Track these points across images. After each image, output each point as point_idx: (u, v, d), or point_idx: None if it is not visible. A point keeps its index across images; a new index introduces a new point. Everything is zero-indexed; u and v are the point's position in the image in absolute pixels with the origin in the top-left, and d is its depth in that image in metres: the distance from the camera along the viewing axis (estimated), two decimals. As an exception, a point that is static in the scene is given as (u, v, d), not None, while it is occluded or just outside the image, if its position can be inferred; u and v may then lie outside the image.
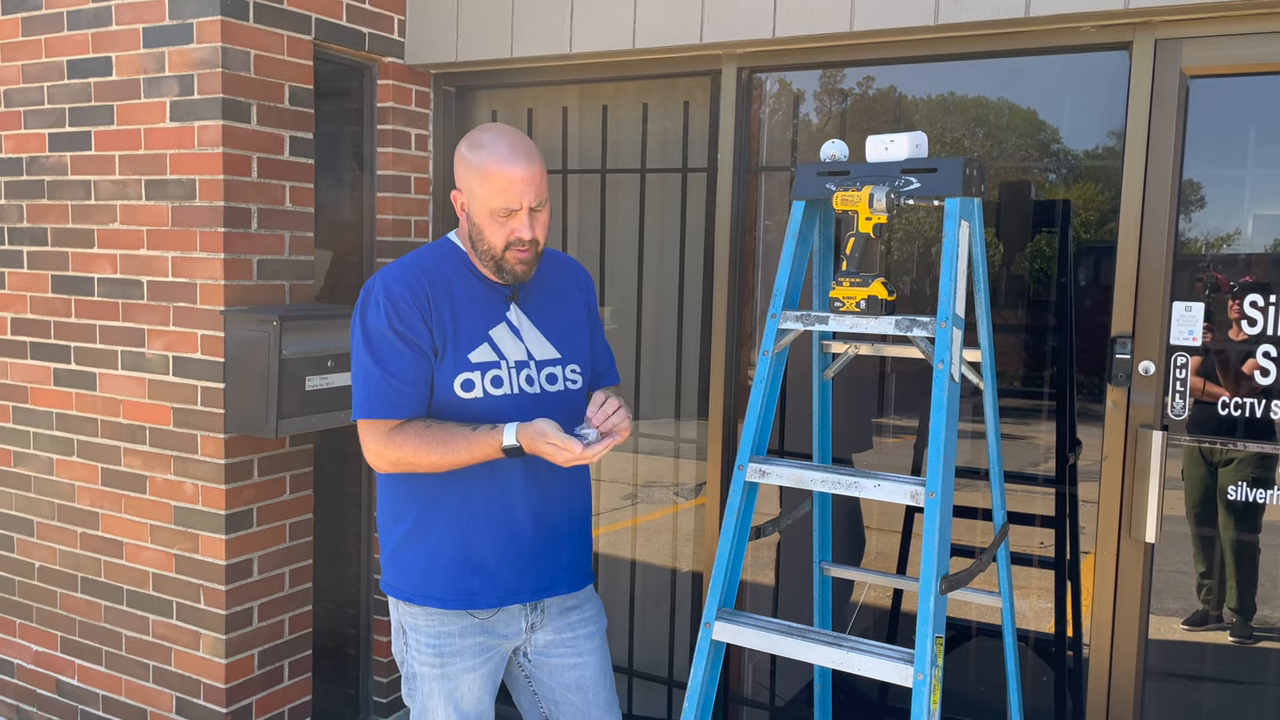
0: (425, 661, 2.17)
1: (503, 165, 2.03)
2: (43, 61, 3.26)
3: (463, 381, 2.09)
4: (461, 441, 2.03)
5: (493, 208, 2.05)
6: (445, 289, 2.11)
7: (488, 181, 2.04)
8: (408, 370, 2.05)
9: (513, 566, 2.16)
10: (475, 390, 2.09)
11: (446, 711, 2.18)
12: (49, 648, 3.46)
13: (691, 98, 3.27)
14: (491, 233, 2.07)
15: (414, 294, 2.06)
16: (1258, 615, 2.66)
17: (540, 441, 1.98)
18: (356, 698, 3.65)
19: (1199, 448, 2.64)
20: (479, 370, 2.10)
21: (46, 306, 3.34)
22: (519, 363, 2.15)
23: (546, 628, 2.25)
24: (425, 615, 2.16)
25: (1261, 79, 2.48)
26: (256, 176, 3.02)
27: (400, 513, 2.17)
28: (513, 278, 2.13)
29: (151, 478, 3.15)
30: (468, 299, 2.13)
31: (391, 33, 3.43)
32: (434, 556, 2.14)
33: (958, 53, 2.77)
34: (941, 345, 2.00)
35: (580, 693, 2.28)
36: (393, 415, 2.05)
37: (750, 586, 3.36)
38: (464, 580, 2.14)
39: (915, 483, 2.01)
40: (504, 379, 2.13)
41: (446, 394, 2.08)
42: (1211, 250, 2.58)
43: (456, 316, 2.10)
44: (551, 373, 2.20)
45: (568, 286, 2.30)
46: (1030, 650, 2.97)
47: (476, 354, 2.11)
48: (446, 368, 2.08)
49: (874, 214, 2.10)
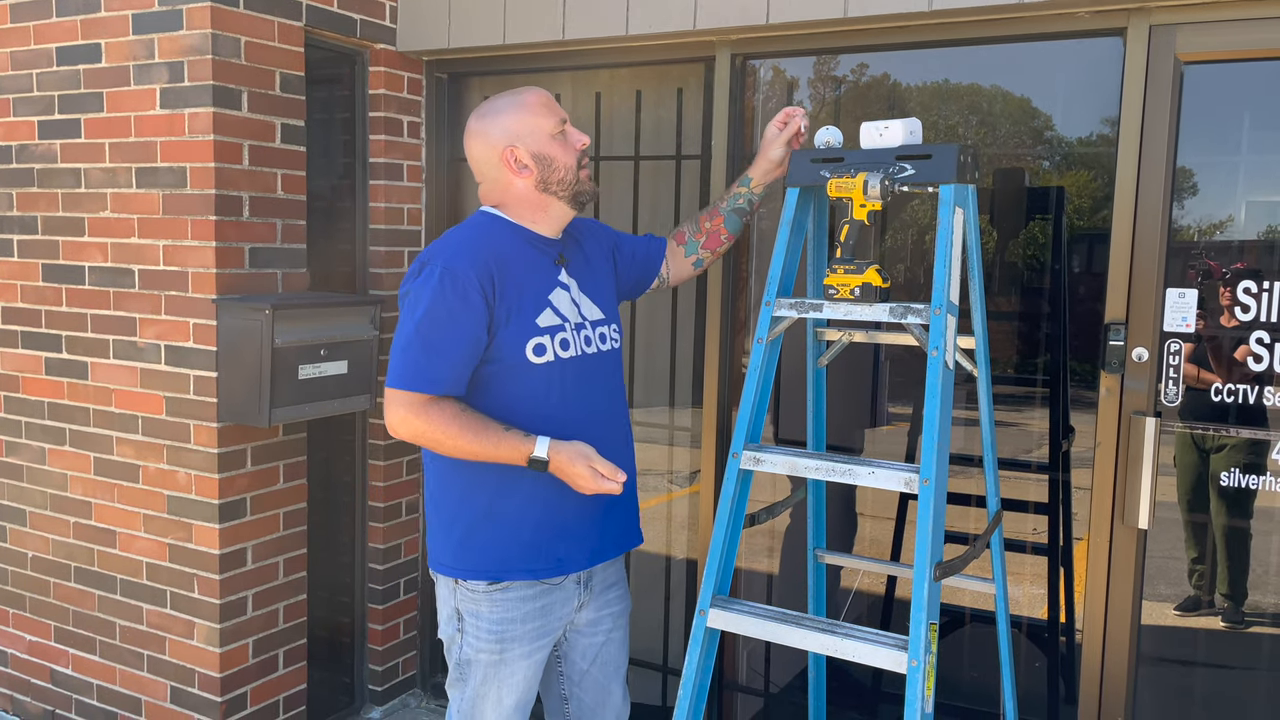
0: (483, 648, 2.17)
1: (528, 93, 2.16)
2: (31, 48, 3.23)
3: (534, 346, 2.11)
4: (493, 437, 2.04)
5: (550, 127, 2.14)
6: (506, 261, 2.12)
7: (533, 110, 2.14)
8: (454, 348, 2.05)
9: (594, 525, 2.22)
10: (547, 354, 2.13)
11: (497, 697, 2.20)
12: (43, 637, 3.46)
13: (685, 85, 3.25)
14: (561, 153, 2.15)
15: (478, 271, 2.06)
16: (1249, 600, 2.68)
17: (580, 463, 2.03)
18: (351, 686, 3.65)
19: (1191, 434, 2.64)
20: (548, 334, 2.14)
21: (37, 295, 3.32)
22: (577, 324, 2.20)
23: (590, 605, 2.30)
24: (489, 599, 2.16)
25: (1256, 64, 2.48)
26: (248, 164, 3.00)
27: (468, 494, 2.16)
28: (588, 195, 2.21)
29: (144, 467, 3.14)
30: (526, 267, 2.15)
31: (383, 19, 3.41)
32: (518, 530, 2.15)
33: (952, 39, 2.76)
34: (936, 332, 2.00)
35: (603, 667, 2.36)
36: (430, 390, 2.05)
37: (744, 574, 3.37)
38: (554, 547, 2.17)
39: (909, 470, 2.01)
40: (570, 341, 2.18)
41: (518, 358, 2.09)
42: (1205, 237, 2.58)
43: (520, 285, 2.12)
44: (604, 333, 2.27)
45: (595, 246, 2.36)
46: (1023, 636, 2.98)
47: (542, 319, 2.14)
48: (514, 335, 2.09)
49: (868, 201, 2.10)
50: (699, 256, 2.49)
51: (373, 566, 3.62)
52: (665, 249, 2.48)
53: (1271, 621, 2.65)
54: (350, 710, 3.63)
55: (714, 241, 2.47)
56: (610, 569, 2.35)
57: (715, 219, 2.45)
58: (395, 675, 3.71)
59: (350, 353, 3.10)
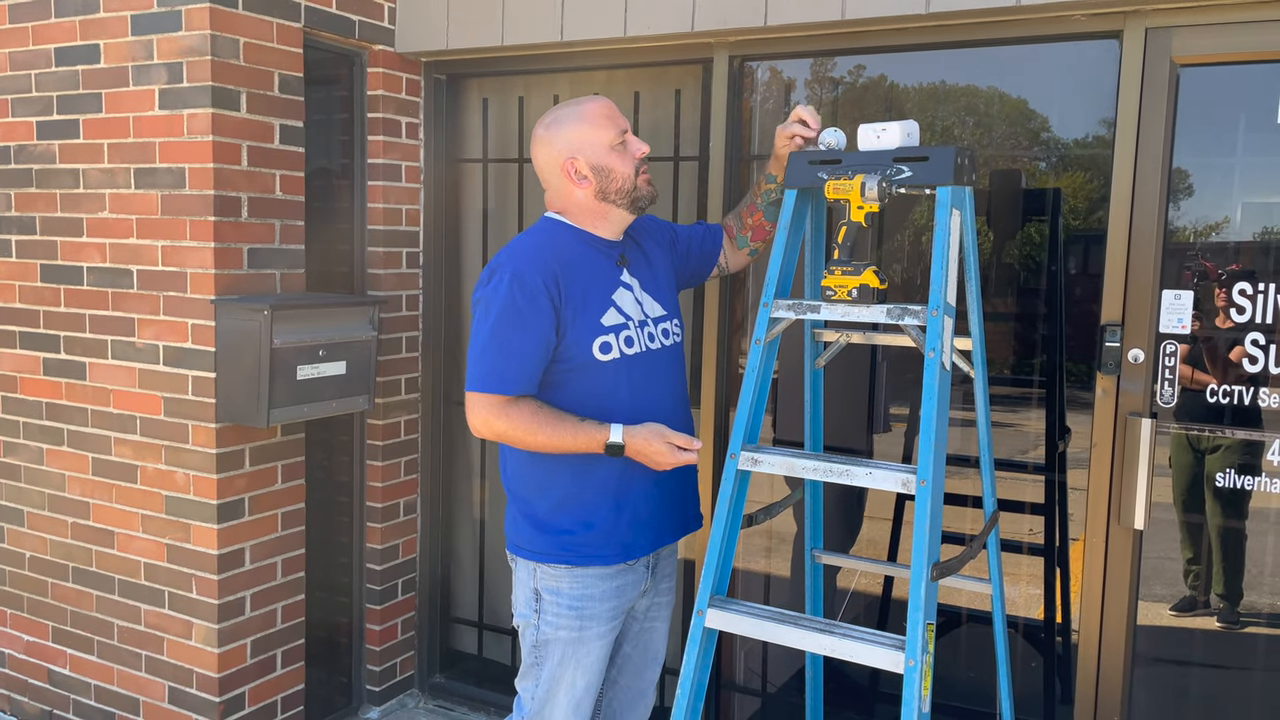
0: (564, 625, 2.26)
1: (592, 104, 2.26)
2: (30, 49, 3.23)
3: (600, 344, 2.20)
4: (570, 429, 2.15)
5: (610, 139, 2.22)
6: (571, 263, 2.21)
7: (593, 122, 2.23)
8: (526, 349, 2.14)
9: (658, 511, 2.32)
10: (613, 351, 2.22)
11: (571, 679, 2.28)
12: (40, 638, 3.46)
13: (683, 86, 3.26)
14: (620, 164, 2.23)
15: (544, 276, 2.15)
16: (1244, 601, 2.69)
17: (656, 440, 2.14)
18: (349, 686, 3.65)
19: (1186, 435, 2.65)
20: (613, 333, 2.22)
21: (35, 296, 3.32)
22: (640, 322, 2.29)
23: (650, 592, 2.41)
24: (570, 576, 2.25)
25: (1251, 67, 2.49)
26: (246, 165, 3.00)
27: (546, 484, 2.26)
28: (647, 202, 2.29)
29: (142, 467, 3.14)
30: (589, 269, 2.24)
31: (382, 20, 3.42)
32: (589, 521, 2.25)
33: (949, 41, 2.77)
34: (933, 334, 2.00)
35: (645, 654, 2.48)
36: (507, 390, 2.15)
37: (741, 574, 3.38)
38: (620, 533, 2.26)
39: (906, 470, 2.02)
40: (634, 338, 2.26)
41: (585, 357, 2.19)
42: (1201, 239, 2.59)
43: (585, 287, 2.21)
44: (665, 328, 2.36)
45: (654, 244, 2.43)
46: (1019, 636, 2.99)
47: (606, 318, 2.22)
48: (581, 334, 2.18)
49: (866, 203, 2.10)
50: (752, 247, 2.58)
51: (370, 567, 3.63)
52: (722, 238, 2.56)
53: (1266, 622, 2.66)
54: (348, 710, 3.63)
55: (760, 234, 2.55)
56: (669, 560, 2.46)
57: (755, 215, 2.52)
58: (393, 675, 3.72)
59: (349, 353, 3.11)
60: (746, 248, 2.59)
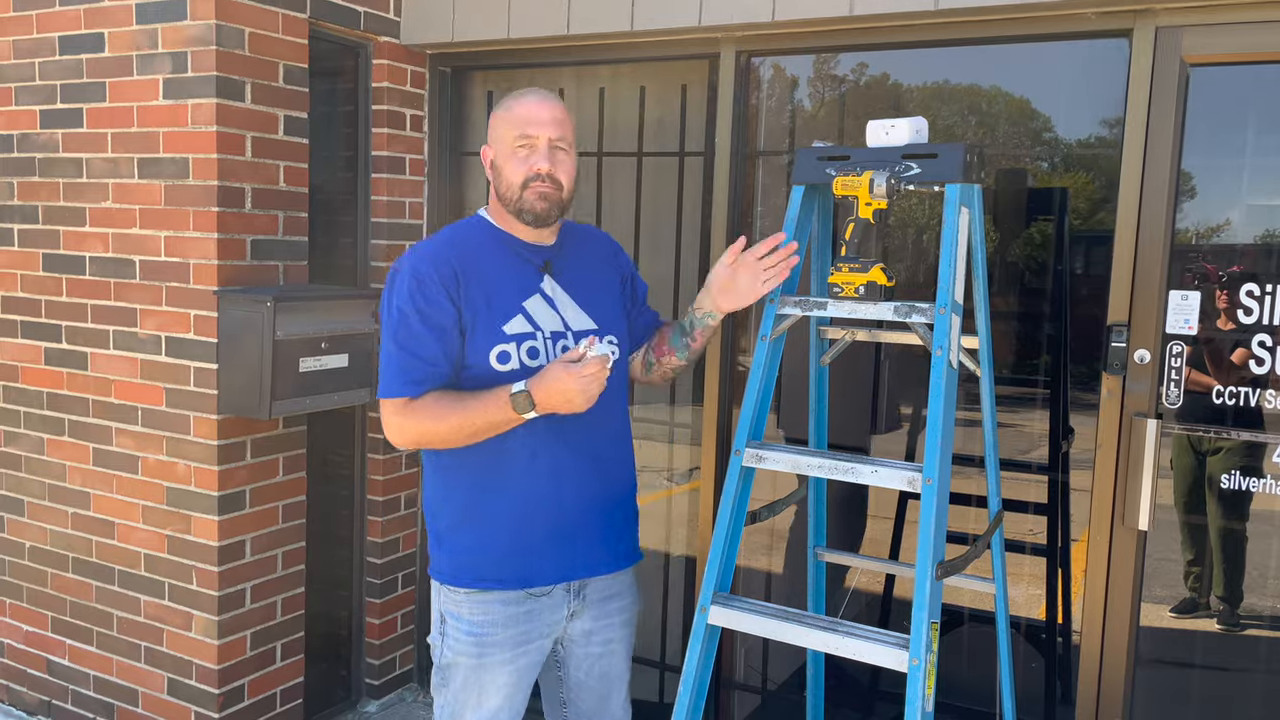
0: (463, 651, 2.14)
1: (522, 99, 2.12)
2: (34, 37, 3.22)
3: (498, 353, 2.07)
4: (475, 400, 2.01)
5: (510, 140, 2.09)
6: (476, 263, 2.10)
7: (508, 117, 2.11)
8: (427, 349, 2.04)
9: (569, 542, 2.16)
10: (511, 362, 2.08)
11: (478, 702, 2.15)
12: (40, 628, 3.45)
13: (689, 81, 3.25)
14: (511, 169, 2.10)
15: (440, 272, 2.05)
16: (1244, 603, 2.68)
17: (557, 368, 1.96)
18: (349, 680, 3.65)
19: (1188, 436, 2.65)
20: (514, 341, 2.09)
21: (37, 285, 3.31)
22: (555, 333, 2.14)
23: (585, 615, 2.24)
24: (470, 602, 2.13)
25: (1262, 67, 2.48)
26: (250, 156, 2.99)
27: (447, 496, 2.16)
28: (532, 217, 2.11)
29: (144, 458, 3.13)
30: (500, 270, 2.12)
31: (387, 12, 3.41)
32: (488, 539, 2.12)
33: (957, 38, 2.76)
34: (940, 332, 2.00)
35: (604, 680, 2.31)
36: (408, 393, 2.04)
37: (742, 571, 3.37)
38: (520, 560, 2.12)
39: (912, 469, 2.01)
40: (540, 350, 2.11)
41: (482, 367, 2.07)
42: (1209, 240, 2.58)
43: (489, 289, 2.09)
44: None
45: (600, 259, 2.31)
46: (1021, 636, 2.99)
47: (511, 325, 2.09)
48: (480, 341, 2.06)
49: (874, 199, 2.10)
50: (649, 358, 2.37)
51: (371, 560, 3.62)
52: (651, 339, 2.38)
53: (1267, 624, 2.66)
54: (347, 704, 3.63)
55: (660, 349, 2.35)
56: (611, 579, 2.29)
57: (666, 328, 2.36)
58: (392, 669, 3.71)
59: (351, 346, 3.10)
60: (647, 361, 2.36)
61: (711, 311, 2.26)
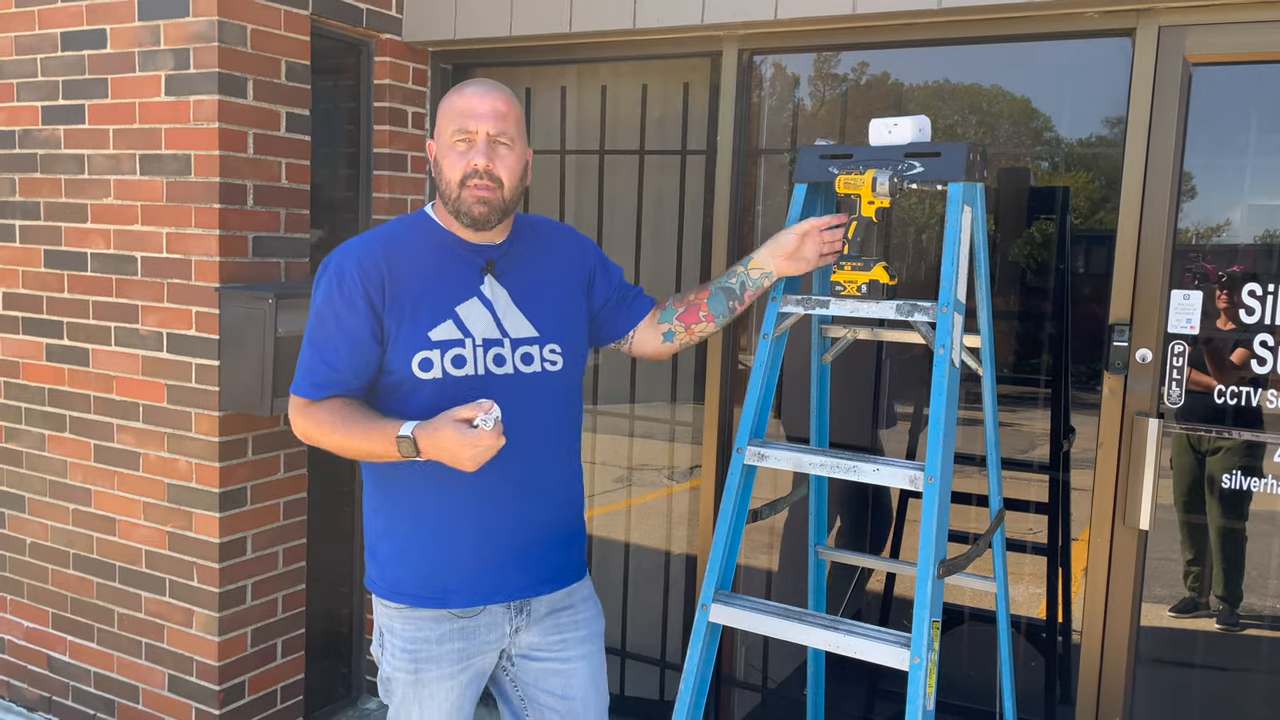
0: (400, 666, 2.04)
1: (463, 92, 1.98)
2: (36, 33, 3.22)
3: (420, 360, 1.94)
4: (364, 426, 1.90)
5: (450, 134, 1.95)
6: (408, 262, 1.97)
7: (449, 110, 1.97)
8: (334, 355, 1.94)
9: (492, 564, 2.02)
10: (434, 370, 1.95)
11: (421, 714, 2.04)
12: (40, 624, 3.45)
13: (691, 79, 3.25)
14: (449, 165, 1.96)
15: (364, 271, 1.93)
16: (1244, 603, 2.68)
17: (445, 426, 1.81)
18: (349, 676, 3.65)
19: (1187, 436, 2.65)
20: (438, 349, 1.95)
21: (39, 281, 3.31)
22: (488, 340, 1.99)
23: (532, 629, 2.10)
24: (401, 617, 2.03)
25: (1265, 67, 2.48)
26: (252, 152, 2.99)
27: (377, 505, 2.07)
28: (470, 220, 1.97)
29: (145, 455, 3.13)
30: (435, 272, 1.98)
31: (389, 9, 3.40)
32: (406, 551, 2.02)
33: (960, 37, 2.76)
34: (942, 330, 2.00)
35: (566, 701, 2.13)
36: (311, 394, 1.96)
37: (742, 569, 3.37)
38: (438, 577, 2.01)
39: (914, 467, 2.01)
40: (467, 358, 1.97)
41: (404, 373, 1.94)
42: (1210, 239, 2.58)
43: (418, 291, 1.96)
44: (527, 352, 2.03)
45: (557, 258, 2.13)
46: (1020, 635, 2.99)
47: (438, 331, 1.96)
48: (403, 345, 1.94)
49: (877, 198, 2.09)
50: (670, 328, 2.21)
51: (371, 557, 3.62)
52: (644, 313, 2.23)
53: (1266, 624, 2.66)
54: (347, 700, 3.63)
55: (692, 315, 2.20)
56: (556, 595, 2.12)
57: (701, 293, 2.21)
58: (392, 666, 3.71)
59: (353, 343, 3.09)
60: (666, 326, 2.22)
61: (770, 272, 2.16)
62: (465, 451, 1.81)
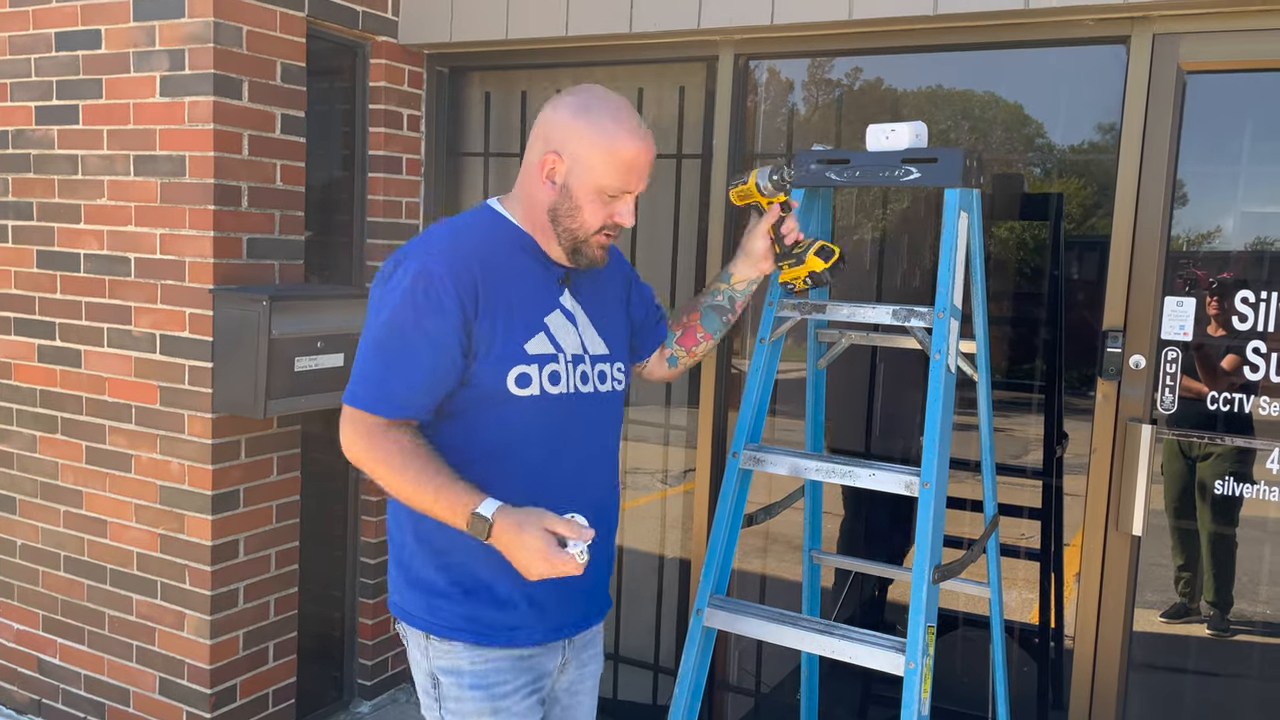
0: (474, 710, 1.83)
1: (632, 141, 1.78)
2: (30, 33, 3.21)
3: (518, 376, 1.78)
4: (435, 483, 1.70)
5: (605, 185, 1.79)
6: (496, 270, 1.79)
7: (612, 157, 1.78)
8: (418, 366, 1.73)
9: (565, 596, 1.88)
10: (531, 386, 1.79)
11: None
12: (31, 626, 3.43)
13: (687, 83, 3.25)
14: (590, 212, 1.80)
15: (458, 279, 1.73)
16: (1235, 608, 2.69)
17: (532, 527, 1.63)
18: (341, 681, 3.64)
19: (1178, 442, 2.66)
20: (536, 363, 1.80)
21: (31, 282, 3.29)
22: (575, 356, 1.87)
23: (570, 666, 1.98)
24: (468, 650, 1.83)
25: (1259, 75, 2.49)
26: (247, 154, 2.98)
27: (429, 531, 1.84)
28: (588, 262, 1.86)
29: (137, 456, 3.12)
30: (521, 281, 1.82)
31: (385, 11, 3.40)
32: (472, 584, 1.82)
33: (954, 43, 2.77)
34: (939, 336, 2.00)
35: None
36: (383, 412, 1.74)
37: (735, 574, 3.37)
38: (510, 611, 1.83)
39: (910, 473, 2.02)
40: (561, 375, 1.84)
41: (498, 389, 1.77)
42: (1204, 246, 2.59)
43: (511, 301, 1.79)
44: (603, 370, 1.92)
45: (613, 273, 2.03)
46: (1013, 641, 2.99)
47: (533, 344, 1.81)
48: (496, 360, 1.76)
49: (765, 196, 2.06)
50: (673, 352, 2.14)
51: (365, 561, 3.61)
52: (665, 334, 2.15)
53: (1257, 630, 2.67)
54: (339, 704, 3.62)
55: (690, 339, 2.12)
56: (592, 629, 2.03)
57: (693, 314, 2.13)
58: (385, 670, 3.70)
59: (346, 345, 3.09)
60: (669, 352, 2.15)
61: (754, 279, 2.10)
62: (539, 567, 1.64)
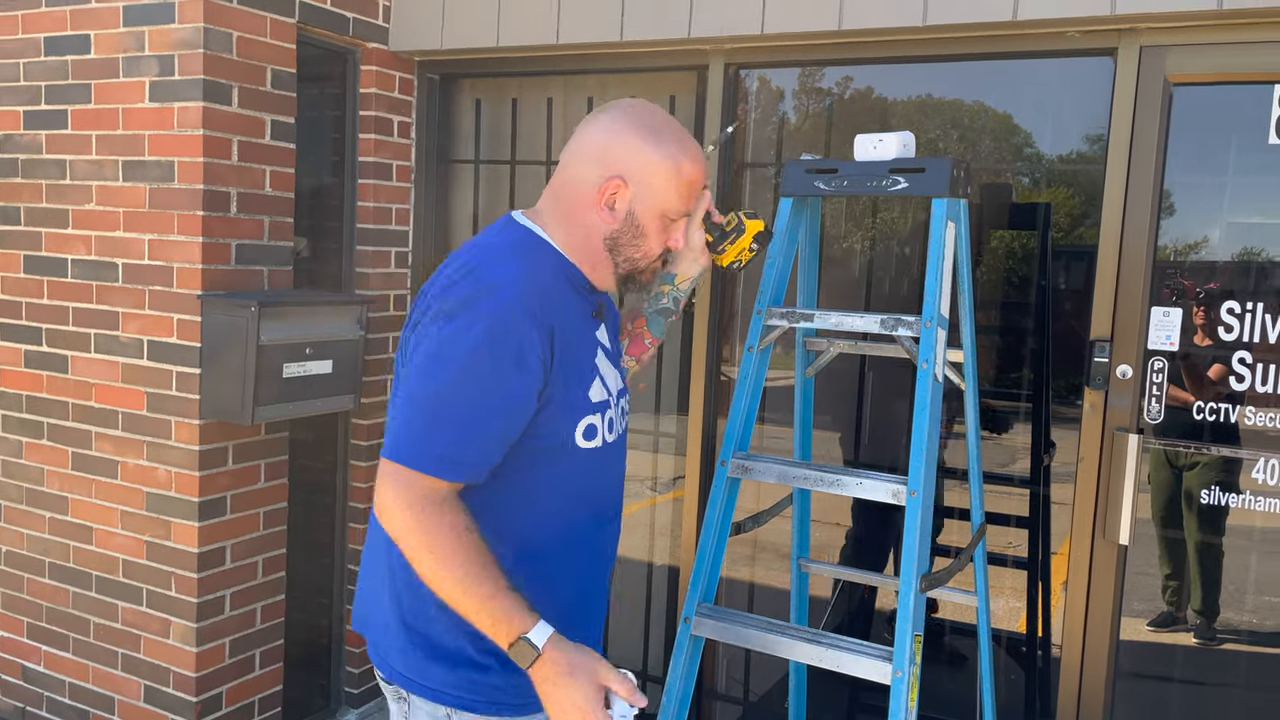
0: None
1: (697, 163, 1.68)
2: (19, 38, 3.20)
3: (585, 428, 1.63)
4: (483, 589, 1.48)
5: (670, 209, 1.67)
6: (559, 308, 1.60)
7: (678, 180, 1.66)
8: (493, 427, 1.53)
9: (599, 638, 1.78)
10: (597, 438, 1.65)
11: None
12: (15, 633, 3.41)
13: (677, 92, 3.26)
14: (654, 237, 1.68)
15: (539, 326, 1.53)
16: (1221, 618, 2.70)
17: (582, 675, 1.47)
18: (327, 688, 3.62)
19: (1165, 451, 2.67)
20: (598, 412, 1.65)
21: (18, 287, 3.28)
22: (617, 396, 1.73)
23: None
24: None
25: (1244, 88, 2.51)
26: (237, 160, 2.98)
27: None
28: (637, 289, 1.75)
29: (123, 463, 3.10)
30: (576, 320, 1.64)
31: (376, 18, 3.40)
32: None
33: (943, 54, 2.78)
34: (926, 345, 2.01)
35: None
36: (448, 477, 1.50)
37: (723, 582, 3.37)
38: None
39: (897, 481, 2.02)
40: (615, 421, 1.72)
41: (564, 439, 1.61)
42: (1190, 256, 2.61)
43: (570, 343, 1.60)
44: (623, 407, 1.79)
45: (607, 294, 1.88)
46: (1001, 649, 3.00)
47: (594, 390, 1.65)
48: (566, 409, 1.60)
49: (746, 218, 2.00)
50: (624, 364, 1.96)
51: (352, 568, 3.60)
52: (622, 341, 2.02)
53: (1244, 639, 2.68)
54: (326, 712, 3.60)
55: (638, 347, 1.99)
56: None
57: (638, 321, 2.00)
58: (372, 678, 3.69)
59: (335, 352, 3.08)
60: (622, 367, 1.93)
61: (696, 275, 1.98)
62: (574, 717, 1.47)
